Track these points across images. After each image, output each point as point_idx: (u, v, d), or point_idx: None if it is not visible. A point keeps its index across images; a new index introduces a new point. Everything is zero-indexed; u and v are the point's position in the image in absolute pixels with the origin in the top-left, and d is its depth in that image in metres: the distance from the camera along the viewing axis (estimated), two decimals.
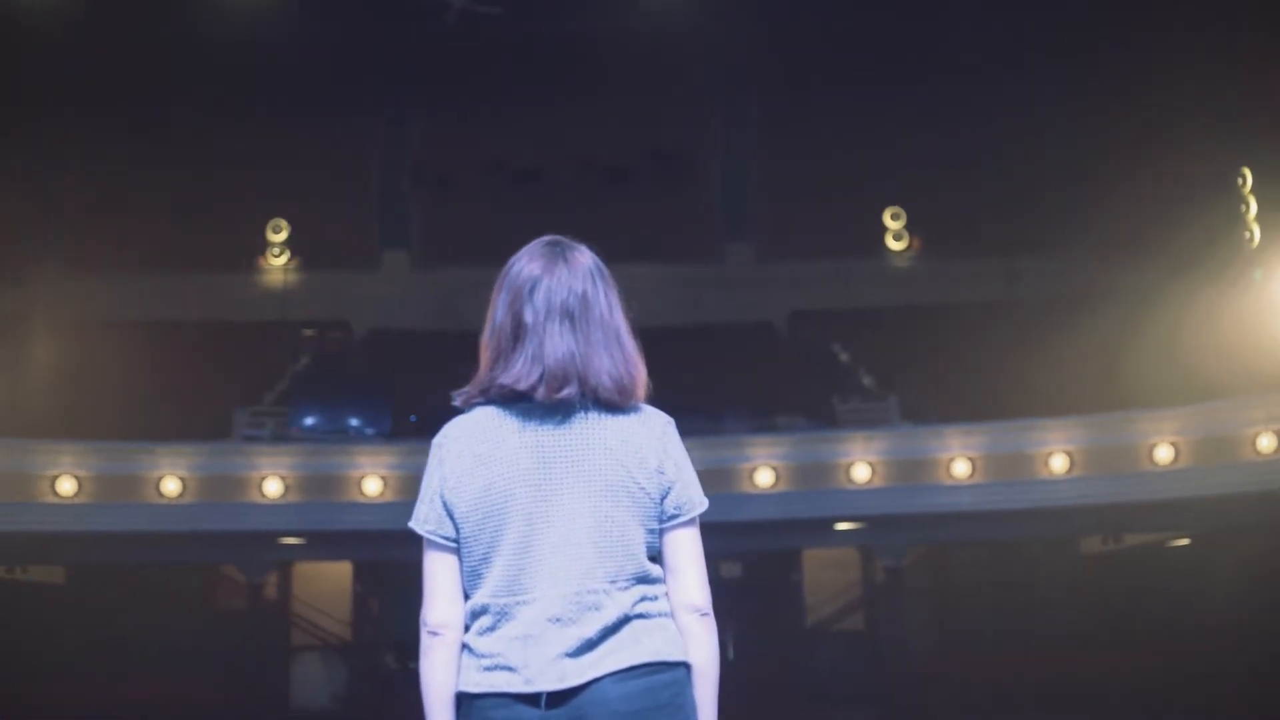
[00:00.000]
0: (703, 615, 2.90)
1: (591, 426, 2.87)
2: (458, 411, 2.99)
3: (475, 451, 2.86)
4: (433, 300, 18.13)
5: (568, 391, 2.86)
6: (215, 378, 16.99)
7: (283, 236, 19.87)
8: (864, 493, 15.11)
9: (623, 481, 2.85)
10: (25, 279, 17.67)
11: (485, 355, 2.95)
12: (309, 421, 16.59)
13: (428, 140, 20.38)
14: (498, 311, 2.95)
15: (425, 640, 2.87)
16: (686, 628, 2.88)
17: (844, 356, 18.30)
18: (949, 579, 17.51)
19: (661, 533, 2.91)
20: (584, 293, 2.94)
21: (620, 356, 2.92)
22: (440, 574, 2.88)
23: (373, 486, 14.85)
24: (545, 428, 2.86)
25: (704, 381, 17.26)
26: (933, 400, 16.43)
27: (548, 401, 2.86)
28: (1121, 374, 15.29)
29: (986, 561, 17.00)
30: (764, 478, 15.04)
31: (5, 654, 14.49)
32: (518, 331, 2.91)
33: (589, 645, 2.78)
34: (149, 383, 15.78)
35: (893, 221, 20.46)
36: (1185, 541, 16.41)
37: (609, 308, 2.96)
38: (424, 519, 2.89)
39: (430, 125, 20.29)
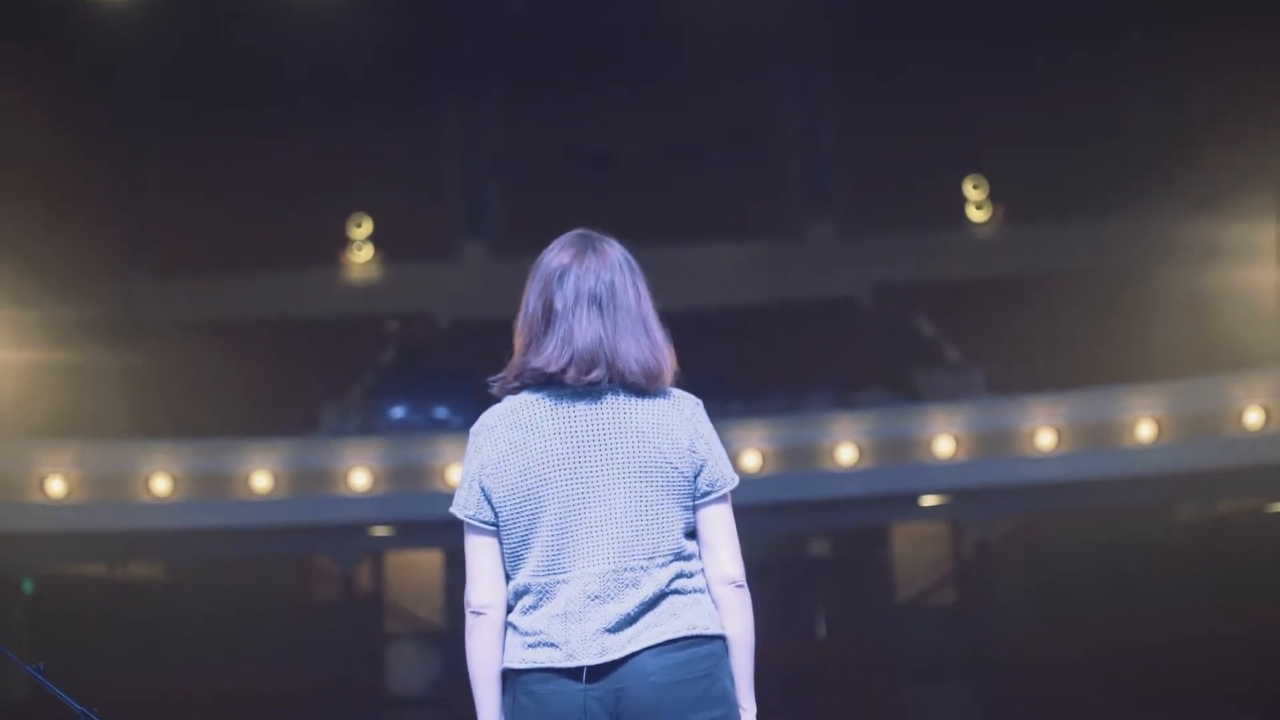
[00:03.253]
0: (738, 587, 2.99)
1: (623, 411, 2.97)
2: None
3: (510, 439, 2.98)
4: (513, 288, 18.12)
5: (596, 374, 2.96)
6: (302, 374, 17.22)
7: (365, 232, 20.09)
8: (949, 466, 14.98)
9: (656, 463, 2.94)
10: (113, 288, 18.02)
11: (519, 342, 3.09)
12: (396, 413, 16.78)
13: (503, 129, 20.49)
14: (530, 299, 3.10)
15: (469, 620, 3.01)
16: (722, 600, 2.97)
17: (928, 330, 18.18)
18: (1040, 551, 17.34)
19: (695, 509, 2.99)
20: (612, 281, 3.04)
21: (647, 342, 3.01)
22: (481, 556, 3.01)
23: (458, 476, 14.94)
24: (578, 414, 2.97)
25: (786, 359, 17.26)
26: (1020, 371, 16.28)
27: (577, 384, 2.96)
28: (1215, 336, 15.07)
29: (1078, 533, 16.81)
30: (847, 454, 14.99)
31: (111, 649, 14.84)
32: (549, 317, 3.04)
33: (628, 621, 2.88)
34: (237, 381, 16.02)
35: (974, 191, 20.26)
36: None
37: (637, 296, 3.05)
38: (463, 504, 3.03)
39: (505, 114, 20.40)
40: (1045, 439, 14.91)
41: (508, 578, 2.99)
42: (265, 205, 18.71)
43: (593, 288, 3.02)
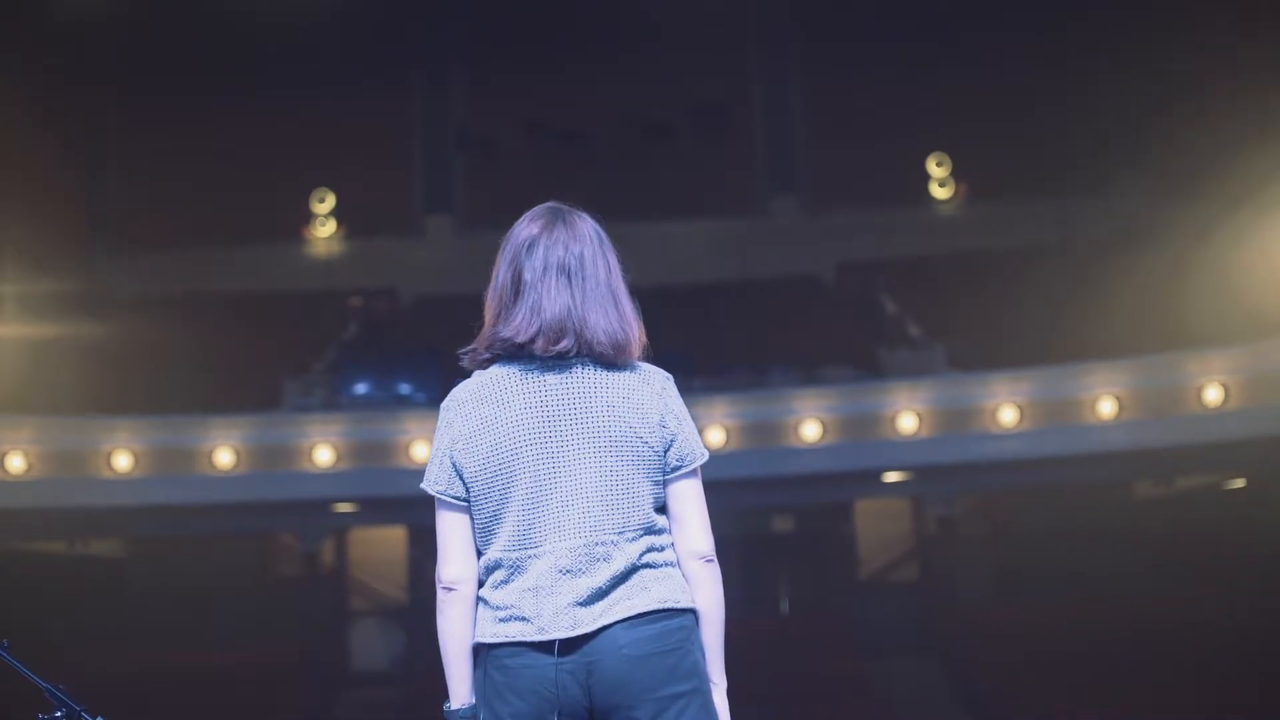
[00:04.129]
0: (707, 561, 3.01)
1: (593, 385, 2.98)
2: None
3: (481, 414, 2.98)
4: (477, 264, 18.04)
5: (564, 344, 2.97)
6: (264, 349, 17.13)
7: (328, 206, 19.98)
8: (911, 443, 15.08)
9: (626, 437, 2.95)
10: (74, 258, 17.87)
11: (488, 313, 3.10)
12: (358, 389, 16.73)
13: (468, 104, 20.40)
14: (500, 271, 3.11)
15: (440, 596, 3.00)
16: (692, 574, 2.99)
17: (891, 307, 18.23)
18: (1001, 528, 17.46)
19: (665, 484, 3.01)
20: (581, 253, 3.05)
21: (615, 314, 3.02)
22: (452, 532, 3.00)
23: (421, 451, 14.95)
24: (549, 389, 2.97)
25: (751, 336, 17.28)
26: (982, 348, 16.36)
27: (546, 354, 2.97)
28: (1177, 314, 15.17)
29: (1038, 509, 16.93)
30: (811, 431, 15.05)
31: (70, 627, 14.74)
32: (518, 288, 3.05)
33: (599, 594, 2.89)
34: (199, 356, 15.93)
35: (937, 169, 20.31)
36: (1240, 483, 16.31)
37: (607, 269, 3.07)
38: (434, 480, 3.02)
39: (470, 89, 20.32)
40: (1007, 415, 15.00)
41: (479, 553, 2.99)
42: (228, 179, 18.56)
43: (561, 258, 3.03)
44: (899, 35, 18.65)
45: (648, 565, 2.93)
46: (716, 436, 14.79)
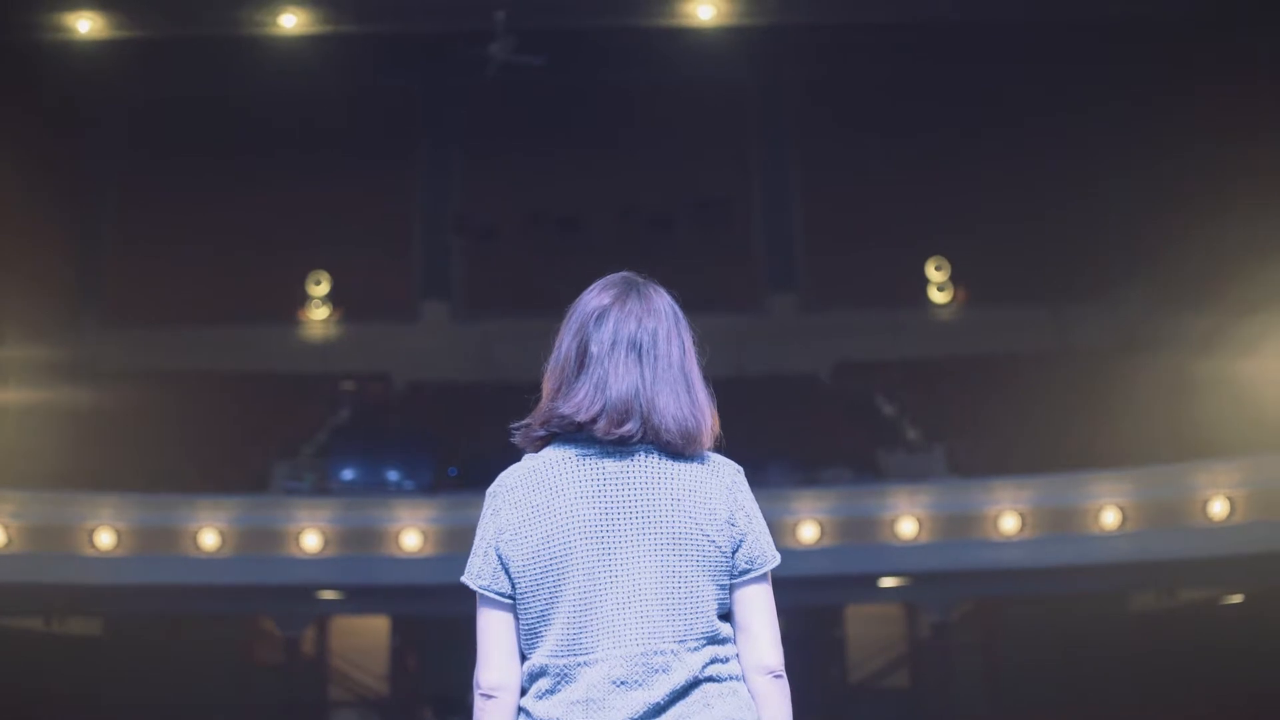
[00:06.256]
0: (776, 677, 2.74)
1: (656, 475, 2.69)
2: (501, 463, 2.84)
3: (532, 502, 2.68)
4: (473, 352, 18.05)
5: (629, 427, 2.68)
6: (255, 430, 16.92)
7: (324, 289, 19.83)
8: (910, 548, 14.84)
9: (691, 534, 2.67)
10: (64, 332, 17.67)
11: (547, 386, 2.78)
12: (348, 474, 16.51)
13: (468, 191, 20.34)
14: (563, 342, 2.79)
15: (478, 703, 2.71)
16: (759, 690, 2.71)
17: (889, 409, 18.08)
18: (997, 636, 17.18)
19: (732, 589, 2.74)
20: (655, 329, 2.78)
21: (687, 400, 2.75)
22: (494, 632, 2.70)
23: (411, 540, 14.68)
24: (607, 475, 2.68)
25: (748, 434, 17.05)
26: (981, 453, 16.19)
27: (607, 437, 2.68)
28: (1179, 423, 15.02)
29: (1036, 618, 16.68)
30: (808, 532, 14.81)
31: (44, 706, 14.39)
32: (582, 361, 2.74)
33: (656, 711, 2.61)
34: (188, 435, 15.73)
35: (936, 272, 20.26)
36: (1238, 599, 16.08)
37: (681, 349, 2.81)
38: (477, 573, 2.72)
39: (470, 176, 20.27)
40: (1009, 523, 14.79)
41: (522, 657, 2.71)
42: (224, 258, 18.45)
43: (633, 334, 2.76)
44: (899, 138, 18.68)
45: (710, 679, 2.65)
46: None
